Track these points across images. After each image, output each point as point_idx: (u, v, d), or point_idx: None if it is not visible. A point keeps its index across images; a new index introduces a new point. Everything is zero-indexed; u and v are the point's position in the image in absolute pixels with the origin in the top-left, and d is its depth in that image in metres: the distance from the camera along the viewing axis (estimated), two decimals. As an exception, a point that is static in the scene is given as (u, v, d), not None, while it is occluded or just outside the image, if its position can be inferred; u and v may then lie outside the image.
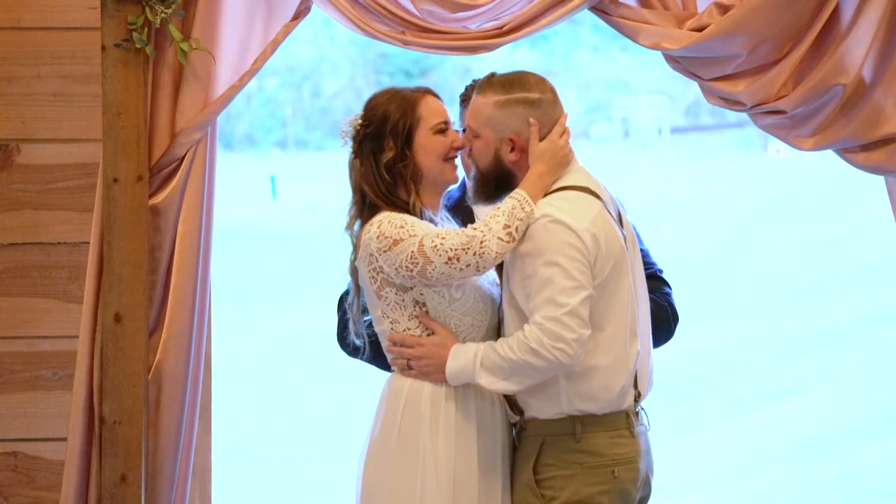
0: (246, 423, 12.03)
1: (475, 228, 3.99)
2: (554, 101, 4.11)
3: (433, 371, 4.06)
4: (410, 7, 4.51)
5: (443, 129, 4.14)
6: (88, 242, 4.59)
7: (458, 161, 4.24)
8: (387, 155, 4.09)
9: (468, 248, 3.96)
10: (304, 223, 22.68)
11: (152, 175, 4.56)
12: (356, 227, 4.16)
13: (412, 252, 3.98)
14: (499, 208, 4.01)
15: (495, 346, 4.01)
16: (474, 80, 4.35)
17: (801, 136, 4.59)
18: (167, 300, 4.56)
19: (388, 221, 4.03)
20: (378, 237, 4.02)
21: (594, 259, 3.98)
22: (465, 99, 4.44)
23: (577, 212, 4.00)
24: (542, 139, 4.08)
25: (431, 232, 4.01)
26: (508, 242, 3.97)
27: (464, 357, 4.03)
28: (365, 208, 4.13)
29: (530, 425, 4.09)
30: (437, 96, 4.19)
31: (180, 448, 4.58)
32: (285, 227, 22.74)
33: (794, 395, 12.46)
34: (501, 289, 4.15)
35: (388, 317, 4.09)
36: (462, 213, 4.45)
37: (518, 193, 4.01)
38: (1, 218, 4.73)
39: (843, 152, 4.61)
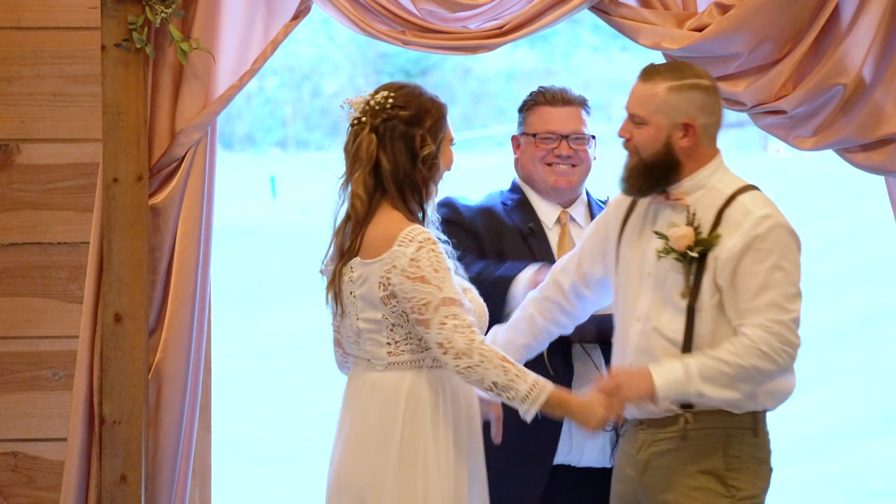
0: (246, 423, 12.02)
1: (483, 349, 3.90)
2: (718, 91, 4.09)
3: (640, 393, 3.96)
4: (410, 7, 4.52)
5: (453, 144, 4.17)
6: (88, 242, 4.59)
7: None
8: (427, 148, 4.04)
9: (461, 354, 3.90)
10: (304, 223, 22.61)
11: (152, 175, 4.56)
12: (359, 192, 4.04)
13: (429, 302, 3.94)
14: (518, 375, 3.90)
15: (715, 355, 3.93)
16: (540, 87, 4.56)
17: (802, 136, 4.59)
18: (167, 300, 4.56)
19: (430, 250, 3.96)
20: (412, 260, 3.96)
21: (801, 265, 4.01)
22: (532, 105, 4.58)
23: (784, 215, 4.02)
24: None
25: (457, 299, 3.94)
26: (484, 389, 3.93)
27: (670, 371, 3.94)
28: (376, 183, 4.03)
29: (710, 419, 4.00)
30: None
31: (180, 448, 4.58)
32: (285, 227, 22.70)
33: (795, 394, 12.43)
34: (691, 282, 4.00)
35: (388, 319, 4.07)
36: (524, 213, 4.54)
37: (543, 385, 3.91)
38: (1, 218, 4.72)
39: (843, 152, 4.62)
